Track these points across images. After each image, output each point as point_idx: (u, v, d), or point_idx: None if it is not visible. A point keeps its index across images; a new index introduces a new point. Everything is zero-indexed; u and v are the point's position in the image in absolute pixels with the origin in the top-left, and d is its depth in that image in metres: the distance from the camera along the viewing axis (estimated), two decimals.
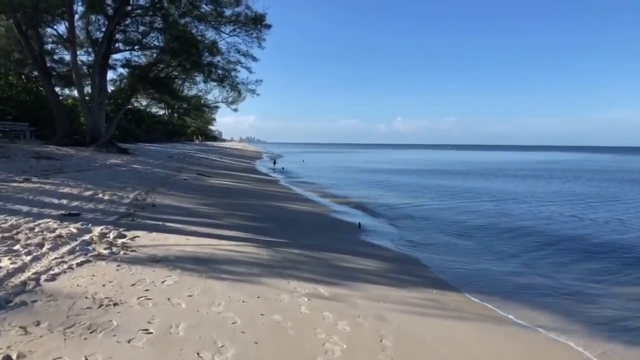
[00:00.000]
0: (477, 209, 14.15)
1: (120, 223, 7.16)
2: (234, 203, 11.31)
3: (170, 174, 16.90)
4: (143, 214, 8.21)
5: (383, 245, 8.05)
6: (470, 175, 29.65)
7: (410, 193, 18.28)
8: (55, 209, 7.71)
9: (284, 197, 14.45)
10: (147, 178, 14.78)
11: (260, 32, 28.02)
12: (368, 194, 17.46)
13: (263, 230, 8.03)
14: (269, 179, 21.83)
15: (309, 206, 12.56)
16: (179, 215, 8.60)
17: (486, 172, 33.91)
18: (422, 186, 21.27)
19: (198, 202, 10.82)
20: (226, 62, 29.46)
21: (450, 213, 13.10)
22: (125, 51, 27.82)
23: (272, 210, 10.77)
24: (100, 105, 24.28)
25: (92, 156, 20.47)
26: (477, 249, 8.54)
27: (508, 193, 18.69)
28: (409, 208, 13.88)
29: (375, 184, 22.19)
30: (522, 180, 26.58)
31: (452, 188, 20.35)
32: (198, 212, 9.22)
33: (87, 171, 14.89)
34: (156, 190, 12.09)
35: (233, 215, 9.35)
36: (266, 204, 11.89)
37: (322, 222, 10.05)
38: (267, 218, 9.54)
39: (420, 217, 12.13)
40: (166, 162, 22.45)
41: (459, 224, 11.18)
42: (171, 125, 61.25)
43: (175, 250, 5.68)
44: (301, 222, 9.69)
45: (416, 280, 5.87)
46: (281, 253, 6.27)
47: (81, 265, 4.59)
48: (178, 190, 12.64)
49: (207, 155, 37.13)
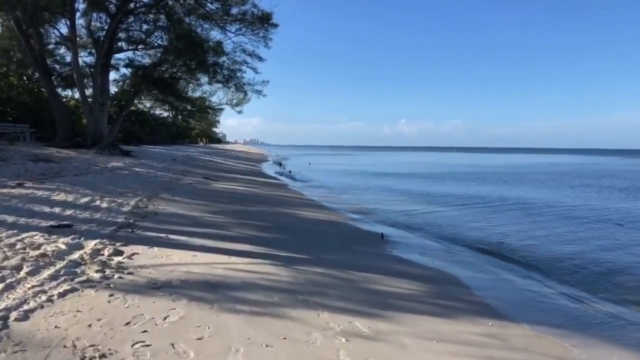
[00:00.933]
0: (504, 217, 13.21)
1: (117, 236, 6.29)
2: (244, 210, 10.44)
3: (174, 178, 16.06)
4: (144, 224, 7.34)
5: (413, 260, 7.14)
6: (487, 180, 28.67)
7: (427, 198, 17.35)
8: (46, 219, 6.85)
9: (296, 203, 13.56)
10: (149, 182, 13.93)
11: (267, 31, 27.21)
12: (383, 199, 16.56)
13: (278, 242, 7.15)
14: (277, 183, 20.96)
15: (323, 213, 11.67)
16: (183, 225, 7.73)
17: (502, 175, 32.90)
18: (438, 191, 20.33)
19: (204, 209, 9.96)
20: (232, 63, 28.66)
21: (476, 221, 12.18)
22: (128, 51, 27.09)
23: (285, 219, 9.89)
24: (102, 106, 23.52)
25: (93, 159, 19.67)
26: (517, 265, 7.62)
27: (536, 200, 17.72)
28: (429, 215, 12.97)
29: (388, 189, 21.27)
30: (542, 184, 25.60)
31: (471, 194, 19.38)
32: (205, 222, 8.35)
33: (87, 175, 14.06)
34: (159, 195, 11.23)
35: (243, 224, 8.48)
36: (278, 211, 11.01)
37: (340, 232, 9.15)
38: (281, 227, 8.65)
39: (445, 226, 11.21)
40: (170, 165, 21.63)
41: (490, 234, 10.26)
42: (175, 127, 60.56)
43: (180, 272, 4.80)
44: (318, 232, 8.80)
45: (464, 307, 4.96)
46: (303, 273, 5.38)
47: (64, 296, 3.71)
48: (183, 196, 11.78)
49: (211, 157, 36.33)
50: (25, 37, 22.16)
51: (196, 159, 30.48)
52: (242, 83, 29.32)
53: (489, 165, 50.79)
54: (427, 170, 40.03)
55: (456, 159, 75.11)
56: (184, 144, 57.62)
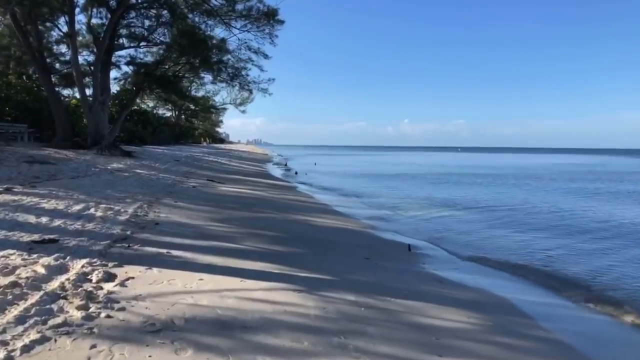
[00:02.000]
0: (536, 223, 12.22)
1: (110, 253, 5.36)
2: (253, 217, 9.50)
3: (177, 180, 15.15)
4: (143, 237, 6.41)
5: (452, 279, 6.19)
6: (503, 181, 27.66)
7: (445, 202, 16.38)
8: (30, 231, 5.94)
9: (307, 208, 12.62)
10: (151, 185, 13.02)
11: (273, 27, 26.29)
12: (399, 203, 15.61)
13: (296, 258, 6.21)
14: (285, 185, 20.02)
15: (338, 220, 10.71)
16: (188, 237, 6.80)
17: (516, 177, 31.88)
18: (454, 194, 19.36)
19: (210, 216, 9.03)
20: (236, 60, 27.74)
21: (504, 228, 11.21)
22: (129, 48, 26.19)
23: (299, 227, 8.94)
24: (102, 105, 22.64)
25: (93, 160, 18.79)
26: (575, 289, 6.65)
27: (567, 208, 16.72)
28: (451, 221, 12.02)
29: (402, 191, 20.31)
30: (565, 188, 24.59)
31: (492, 197, 18.39)
32: (211, 232, 7.41)
33: (84, 178, 13.17)
34: (161, 201, 10.32)
35: (254, 235, 7.54)
36: (290, 218, 10.07)
37: (362, 242, 8.20)
38: (296, 238, 7.71)
39: (471, 233, 10.26)
40: (173, 167, 20.73)
41: (523, 244, 9.29)
42: (178, 127, 59.72)
43: (185, 305, 3.86)
44: (338, 243, 7.85)
45: (536, 347, 4.01)
46: (332, 302, 4.43)
47: (29, 352, 2.78)
48: (186, 201, 10.86)
49: (215, 158, 35.44)
50: (23, 34, 21.29)
51: (200, 159, 29.59)
52: (247, 81, 28.39)
53: (500, 166, 49.72)
54: (437, 170, 39.01)
55: (463, 160, 74.02)
56: (187, 144, 56.77)
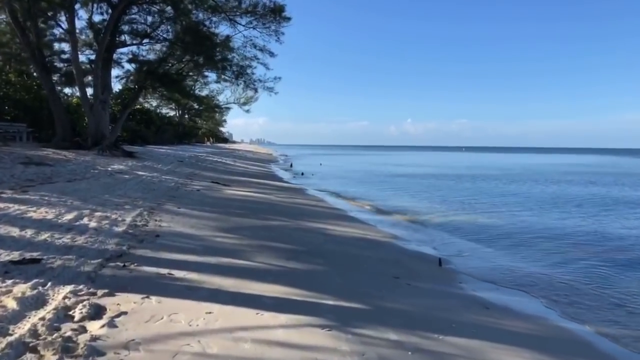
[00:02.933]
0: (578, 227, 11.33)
1: (101, 276, 4.53)
2: (263, 226, 8.65)
3: (180, 183, 14.33)
4: (141, 253, 5.59)
5: (499, 302, 5.33)
6: (519, 180, 26.72)
7: (464, 205, 15.50)
8: (10, 247, 5.12)
9: (321, 214, 11.76)
10: (152, 189, 12.21)
11: (279, 24, 25.47)
12: (415, 206, 14.74)
13: (318, 279, 5.37)
14: (293, 187, 19.18)
15: (357, 229, 9.84)
16: (192, 252, 5.96)
17: (529, 177, 30.93)
18: (472, 196, 18.46)
19: (216, 225, 8.19)
20: (241, 58, 26.93)
21: (537, 233, 10.32)
22: (132, 45, 25.39)
23: (315, 238, 8.08)
24: (103, 104, 21.86)
25: (93, 161, 18.01)
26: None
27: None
28: (477, 228, 11.13)
29: (415, 193, 19.43)
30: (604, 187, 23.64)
31: (512, 195, 17.49)
32: (218, 246, 6.57)
33: (81, 181, 12.35)
34: (163, 207, 9.50)
35: (266, 248, 6.69)
36: (304, 226, 9.21)
37: (387, 256, 7.34)
38: (314, 252, 6.86)
39: (500, 239, 9.38)
40: (176, 168, 19.92)
41: (562, 253, 8.42)
42: (182, 126, 58.97)
43: (189, 355, 3.02)
44: (361, 258, 6.98)
45: None
46: (371, 343, 3.58)
47: None
48: (190, 206, 10.04)
49: (220, 158, 34.64)
50: (22, 31, 20.53)
51: (204, 160, 28.78)
52: (253, 80, 27.55)
53: (509, 167, 48.70)
54: (447, 171, 38.06)
55: (469, 159, 72.99)
56: (191, 144, 56.04)
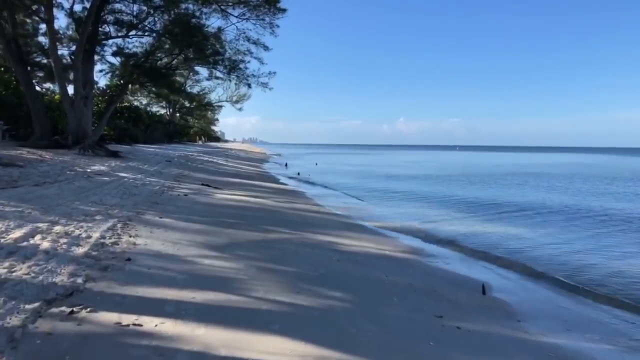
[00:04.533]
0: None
1: (29, 338, 3.06)
2: (263, 240, 7.20)
3: (166, 187, 12.81)
4: (101, 287, 4.12)
5: (586, 355, 3.93)
6: (524, 180, 25.45)
7: (476, 207, 14.17)
8: None
9: (327, 222, 10.30)
10: (133, 194, 10.69)
11: (274, 15, 24.01)
12: (426, 213, 13.36)
13: (343, 328, 3.93)
14: (290, 190, 17.71)
15: (371, 242, 8.41)
16: (171, 284, 4.50)
17: (535, 175, 29.70)
18: (480, 197, 17.13)
19: (205, 241, 6.71)
20: (234, 52, 25.40)
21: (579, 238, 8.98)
22: (117, 37, 23.76)
23: (325, 257, 6.63)
24: (85, 99, 20.26)
25: (72, 161, 16.43)
26: None
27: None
28: (501, 236, 9.77)
29: (423, 196, 18.05)
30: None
31: (539, 203, 16.11)
32: (206, 273, 5.10)
33: (52, 184, 10.81)
34: (142, 216, 8.01)
35: (268, 274, 5.25)
36: (310, 240, 7.76)
37: (417, 281, 5.92)
38: (330, 279, 5.42)
39: (545, 256, 8.02)
40: (163, 169, 18.38)
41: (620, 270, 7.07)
42: (173, 125, 57.18)
43: None
44: (388, 285, 5.55)
45: None
46: None
47: None
48: (175, 215, 8.55)
49: (211, 157, 33.05)
50: None
51: (194, 159, 27.20)
52: (246, 75, 26.02)
53: (508, 165, 47.59)
54: (448, 171, 36.78)
55: (465, 158, 71.90)
56: (182, 143, 54.31)
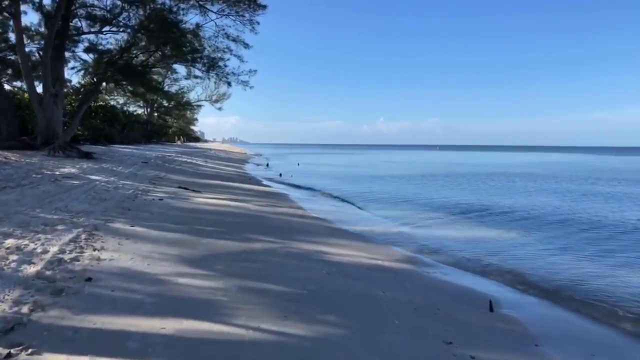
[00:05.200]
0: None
1: None
2: (245, 251, 6.56)
3: (140, 190, 12.03)
4: (51, 319, 3.44)
5: None
6: (512, 180, 25.31)
7: (465, 209, 13.77)
8: None
9: (312, 228, 9.69)
10: (103, 199, 9.90)
11: (254, 12, 23.30)
12: (414, 215, 12.89)
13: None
14: (272, 192, 17.04)
15: (361, 250, 7.84)
16: (138, 311, 3.84)
17: (522, 176, 29.66)
18: (469, 198, 16.78)
19: (180, 254, 6.04)
20: (213, 49, 24.59)
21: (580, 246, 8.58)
22: (89, 33, 22.70)
23: (315, 270, 6.02)
24: (55, 97, 19.22)
25: (40, 163, 15.46)
26: None
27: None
28: (497, 243, 9.33)
29: (407, 197, 17.62)
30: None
31: (519, 199, 15.83)
32: (180, 294, 4.45)
33: (14, 189, 9.95)
34: (111, 225, 7.28)
35: (251, 295, 4.62)
36: (296, 249, 7.14)
37: (418, 298, 5.37)
38: (321, 298, 4.82)
39: (537, 261, 7.58)
40: (139, 170, 17.50)
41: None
42: (150, 125, 55.73)
43: None
44: (386, 304, 4.98)
45: None
46: None
47: None
48: (148, 223, 7.84)
49: (190, 158, 32.10)
50: None
51: (172, 160, 26.27)
52: (225, 73, 25.22)
53: (494, 164, 47.77)
54: (431, 171, 36.56)
55: (447, 158, 72.20)
56: (160, 143, 52.95)
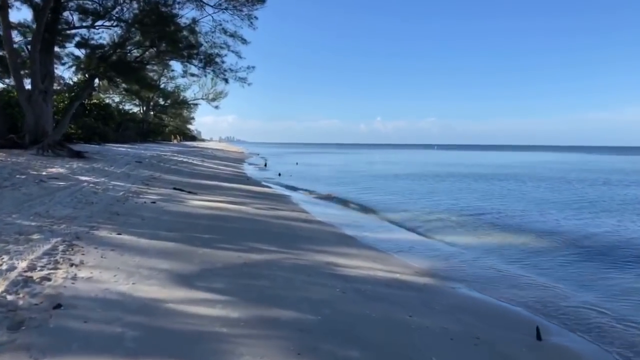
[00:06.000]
0: None
1: None
2: (247, 264, 5.75)
3: (132, 192, 11.19)
4: None
5: None
6: (523, 182, 24.55)
7: (482, 214, 12.98)
8: None
9: (319, 235, 8.87)
10: (90, 202, 9.05)
11: (253, 6, 22.51)
12: (423, 218, 12.09)
13: None
14: (272, 193, 16.21)
15: (377, 261, 7.02)
16: (115, 351, 3.03)
17: (530, 177, 28.91)
18: (483, 201, 16.02)
19: (172, 268, 5.22)
20: (210, 45, 23.79)
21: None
22: (81, 28, 21.80)
23: (327, 289, 5.21)
24: (44, 94, 18.34)
25: (27, 163, 14.59)
26: None
27: None
28: (526, 254, 8.53)
29: (412, 198, 16.84)
30: None
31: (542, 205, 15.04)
32: (171, 326, 3.63)
33: None
34: (95, 233, 6.45)
35: (257, 321, 3.82)
36: (304, 262, 6.33)
37: (451, 323, 4.55)
38: (339, 328, 4.02)
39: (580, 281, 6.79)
40: (132, 170, 16.64)
41: None
42: (146, 123, 54.76)
43: None
44: (417, 332, 4.17)
45: None
46: None
47: None
48: (137, 230, 7.01)
49: (187, 157, 31.20)
50: None
51: (168, 160, 25.39)
52: (223, 69, 24.40)
53: (498, 165, 47.08)
54: (434, 170, 35.78)
55: (447, 157, 71.48)
56: (156, 142, 52.00)
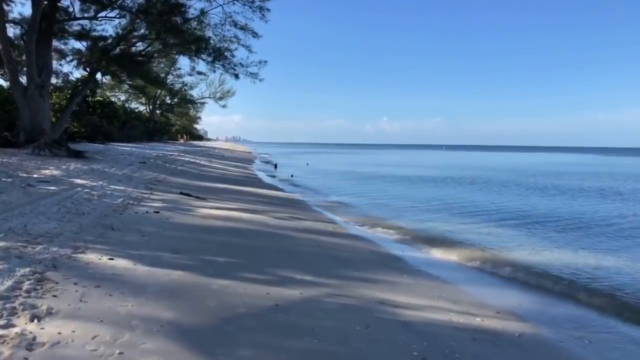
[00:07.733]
0: None
1: None
2: (276, 306, 4.28)
3: (132, 198, 9.74)
4: None
5: None
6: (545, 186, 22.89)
7: (534, 219, 11.49)
8: None
9: (355, 255, 7.34)
10: (81, 212, 7.60)
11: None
12: (479, 232, 10.57)
13: None
14: (289, 198, 14.72)
15: (444, 300, 5.49)
16: None
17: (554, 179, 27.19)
18: (526, 205, 14.49)
19: (176, 318, 3.74)
20: (219, 39, 22.36)
21: None
22: (82, 19, 20.45)
23: (391, 345, 3.73)
24: (41, 89, 17.00)
25: (19, 163, 13.24)
26: None
27: None
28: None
29: (451, 205, 15.30)
30: None
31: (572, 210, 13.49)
32: None
33: None
34: (79, 257, 4.99)
35: None
36: (349, 299, 4.85)
37: None
38: None
39: None
40: (135, 172, 15.23)
41: None
42: (153, 122, 53.50)
43: None
44: None
45: None
46: None
47: None
48: (134, 253, 5.54)
49: (193, 157, 29.81)
50: None
51: (174, 160, 24.00)
52: (233, 64, 22.93)
53: (512, 166, 45.35)
54: (450, 173, 34.15)
55: (461, 158, 69.70)
56: (163, 141, 50.75)
